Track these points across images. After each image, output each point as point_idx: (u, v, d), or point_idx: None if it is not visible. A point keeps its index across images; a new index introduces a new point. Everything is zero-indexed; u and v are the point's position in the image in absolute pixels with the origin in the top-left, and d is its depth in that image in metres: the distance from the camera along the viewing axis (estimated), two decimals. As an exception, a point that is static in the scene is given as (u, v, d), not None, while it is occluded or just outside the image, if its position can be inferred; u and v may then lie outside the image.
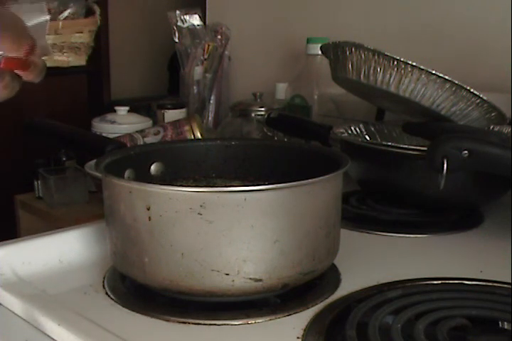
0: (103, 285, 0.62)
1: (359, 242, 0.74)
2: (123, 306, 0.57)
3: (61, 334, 0.51)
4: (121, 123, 1.22)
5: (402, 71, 0.77)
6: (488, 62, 1.08)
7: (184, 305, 0.57)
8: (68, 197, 1.27)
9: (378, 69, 0.78)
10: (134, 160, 0.67)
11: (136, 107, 1.37)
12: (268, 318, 0.55)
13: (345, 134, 0.89)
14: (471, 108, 0.79)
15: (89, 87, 1.67)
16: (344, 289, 0.60)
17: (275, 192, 0.54)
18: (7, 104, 0.48)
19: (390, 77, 0.78)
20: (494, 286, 0.60)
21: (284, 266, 0.55)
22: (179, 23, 1.45)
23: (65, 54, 1.53)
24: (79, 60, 1.57)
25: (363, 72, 0.80)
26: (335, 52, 0.84)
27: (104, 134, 1.11)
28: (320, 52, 0.90)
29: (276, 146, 0.72)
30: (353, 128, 0.93)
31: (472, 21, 1.10)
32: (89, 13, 1.57)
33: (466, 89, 0.77)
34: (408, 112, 0.89)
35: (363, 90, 0.86)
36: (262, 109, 1.21)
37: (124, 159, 0.65)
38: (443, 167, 0.63)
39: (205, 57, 1.44)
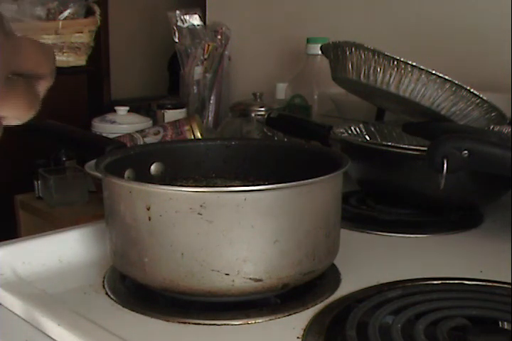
0: (103, 285, 0.62)
1: (359, 242, 0.74)
2: (123, 306, 0.57)
3: (61, 334, 0.51)
4: (121, 123, 1.22)
5: (402, 71, 0.77)
6: (488, 62, 1.08)
7: (184, 305, 0.57)
8: (68, 197, 1.27)
9: (378, 69, 0.78)
10: (134, 160, 0.67)
11: (136, 107, 1.37)
12: (268, 318, 0.55)
13: (345, 134, 0.89)
14: (471, 108, 0.79)
15: (89, 87, 1.67)
16: (344, 289, 0.60)
17: (275, 192, 0.54)
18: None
19: (390, 77, 0.78)
20: (494, 286, 0.60)
21: (283, 266, 0.55)
22: (179, 23, 1.45)
23: (65, 54, 1.53)
24: (79, 60, 1.57)
25: (363, 72, 0.80)
26: (335, 52, 0.84)
27: (104, 134, 1.11)
28: (320, 52, 0.90)
29: (276, 146, 0.72)
30: (353, 128, 0.93)
31: (472, 21, 1.10)
32: (89, 13, 1.57)
33: (466, 89, 0.77)
34: (408, 112, 0.88)
35: (363, 90, 0.86)
36: (262, 109, 1.21)
37: (124, 159, 0.65)
38: (443, 167, 0.63)
39: (205, 57, 1.44)
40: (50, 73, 0.37)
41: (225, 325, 0.54)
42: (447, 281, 0.62)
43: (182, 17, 1.45)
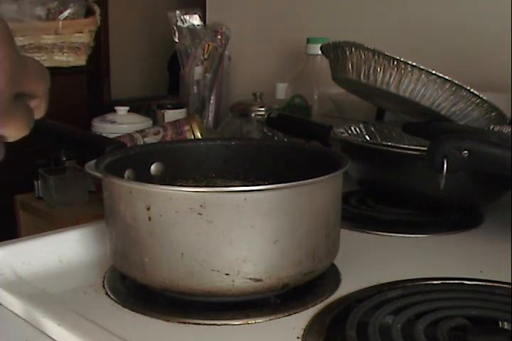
0: (103, 285, 0.62)
1: (359, 242, 0.74)
2: (123, 306, 0.57)
3: (61, 334, 0.51)
4: (121, 123, 1.22)
5: (402, 71, 0.77)
6: (488, 62, 1.08)
7: (184, 305, 0.57)
8: (68, 197, 1.27)
9: (378, 69, 0.78)
10: (134, 160, 0.67)
11: (136, 107, 1.37)
12: (268, 318, 0.55)
13: (345, 134, 0.89)
14: (471, 108, 0.79)
15: (89, 87, 1.67)
16: (344, 289, 0.60)
17: (275, 192, 0.54)
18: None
19: (390, 77, 0.78)
20: (494, 286, 0.60)
21: (283, 266, 0.55)
22: (179, 23, 1.45)
23: (65, 54, 1.53)
24: (79, 60, 1.57)
25: (363, 72, 0.80)
26: (335, 52, 0.84)
27: (104, 134, 1.11)
28: (320, 52, 0.90)
29: (276, 146, 0.72)
30: (353, 128, 0.93)
31: (472, 21, 1.10)
32: (89, 13, 1.57)
33: (466, 89, 0.77)
34: (408, 112, 0.88)
35: (363, 90, 0.86)
36: (262, 109, 1.21)
37: (124, 159, 0.65)
38: (443, 167, 0.63)
39: (205, 57, 1.44)
40: (46, 93, 0.38)
41: (225, 325, 0.54)
42: (447, 281, 0.62)
43: (182, 17, 1.45)
